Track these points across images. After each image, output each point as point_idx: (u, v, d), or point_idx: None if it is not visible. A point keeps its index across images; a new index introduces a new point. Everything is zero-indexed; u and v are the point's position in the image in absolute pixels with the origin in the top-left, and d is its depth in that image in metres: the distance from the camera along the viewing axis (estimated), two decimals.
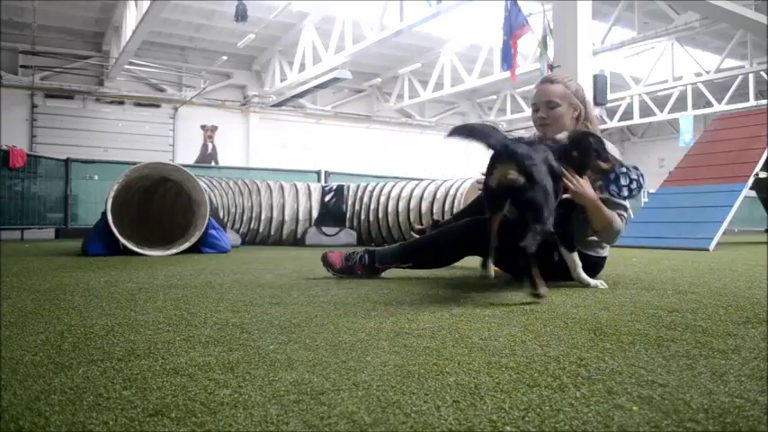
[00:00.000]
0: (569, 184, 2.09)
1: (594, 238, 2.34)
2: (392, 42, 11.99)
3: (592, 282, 2.24)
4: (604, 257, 2.49)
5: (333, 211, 6.63)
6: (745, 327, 1.43)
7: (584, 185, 2.14)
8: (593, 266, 2.40)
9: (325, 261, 2.60)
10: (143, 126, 14.59)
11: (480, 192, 2.40)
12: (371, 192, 6.63)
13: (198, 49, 14.63)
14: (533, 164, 1.80)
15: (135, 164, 4.61)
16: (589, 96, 9.43)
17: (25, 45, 12.84)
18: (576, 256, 2.21)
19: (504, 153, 1.84)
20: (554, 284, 2.32)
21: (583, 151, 2.13)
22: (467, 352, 1.16)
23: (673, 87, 15.29)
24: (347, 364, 1.07)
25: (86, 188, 8.65)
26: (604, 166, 2.17)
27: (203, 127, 15.61)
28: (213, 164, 14.78)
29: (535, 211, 1.78)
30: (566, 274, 2.30)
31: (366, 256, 2.53)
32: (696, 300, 1.90)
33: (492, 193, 1.91)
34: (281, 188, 6.60)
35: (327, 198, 6.69)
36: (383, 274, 2.61)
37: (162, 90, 14.91)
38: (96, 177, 8.74)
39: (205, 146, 15.59)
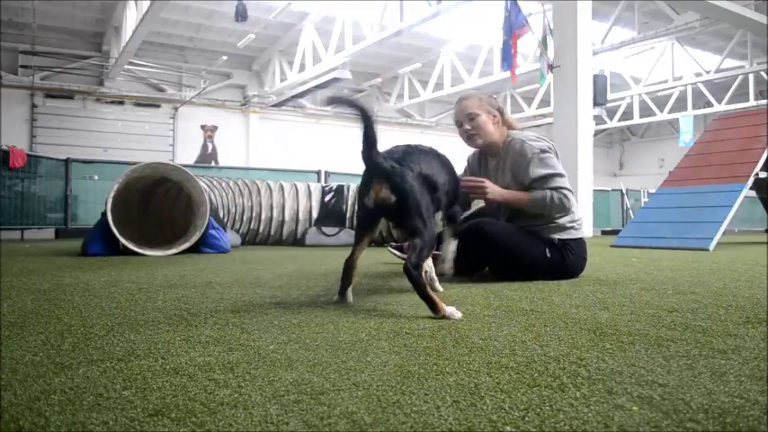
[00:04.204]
0: (484, 192, 2.41)
1: (558, 222, 2.54)
2: (392, 42, 11.98)
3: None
4: (574, 239, 2.58)
5: (333, 211, 6.63)
6: (745, 327, 1.43)
7: (493, 190, 2.45)
8: (565, 249, 2.54)
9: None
10: (143, 126, 14.58)
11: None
12: None
13: (198, 49, 14.62)
14: (406, 183, 1.78)
15: (135, 164, 4.60)
16: (588, 96, 9.36)
17: (25, 45, 12.83)
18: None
19: (378, 172, 1.80)
20: (554, 284, 2.32)
21: None
22: (467, 352, 1.16)
23: (673, 87, 15.29)
24: (347, 364, 1.07)
25: (86, 188, 8.65)
26: None
27: (203, 127, 15.60)
28: (213, 164, 14.78)
29: (414, 231, 1.78)
30: (561, 273, 2.54)
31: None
32: (696, 300, 1.90)
33: (366, 213, 1.88)
34: (281, 188, 6.60)
35: (327, 198, 6.69)
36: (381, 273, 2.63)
37: (162, 90, 14.90)
38: (96, 177, 8.74)
39: (205, 146, 15.59)
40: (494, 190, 2.46)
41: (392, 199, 1.78)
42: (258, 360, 1.10)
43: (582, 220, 2.66)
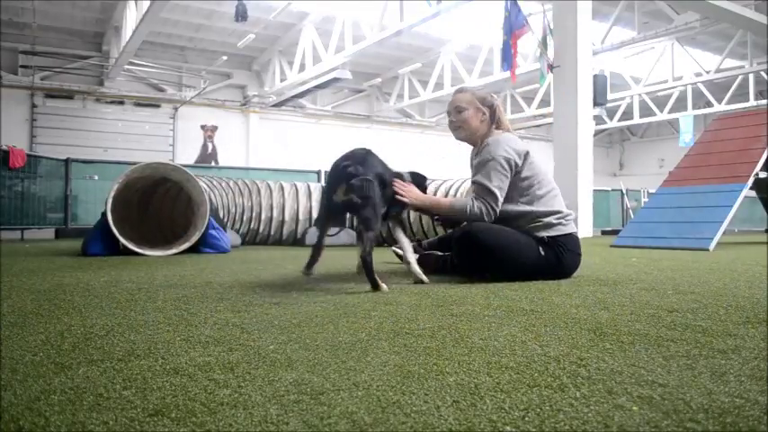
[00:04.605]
0: (403, 197, 2.59)
1: (544, 220, 2.59)
2: (392, 42, 11.99)
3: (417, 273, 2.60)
4: (564, 235, 2.59)
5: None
6: (745, 327, 1.43)
7: (414, 196, 2.64)
8: (558, 246, 2.56)
9: (421, 262, 2.85)
10: (143, 126, 14.59)
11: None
12: None
13: (198, 49, 14.62)
14: (369, 186, 2.28)
15: (135, 164, 4.60)
16: (588, 96, 9.32)
17: (25, 45, 12.83)
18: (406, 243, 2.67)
19: (345, 175, 2.27)
20: (554, 284, 2.32)
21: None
22: (467, 352, 1.16)
23: (673, 87, 15.29)
24: (347, 364, 1.07)
25: (86, 188, 8.65)
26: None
27: (203, 127, 15.60)
28: (213, 164, 14.78)
29: (367, 224, 2.27)
30: (557, 272, 2.56)
31: (449, 258, 2.84)
32: (696, 300, 1.90)
33: (333, 206, 2.40)
34: (281, 188, 6.60)
35: None
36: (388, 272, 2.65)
37: (162, 90, 14.90)
38: (96, 177, 8.74)
39: (205, 146, 15.59)
40: (414, 196, 2.63)
41: (358, 201, 2.26)
42: (258, 360, 1.10)
43: (571, 216, 2.66)
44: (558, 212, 2.59)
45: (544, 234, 2.54)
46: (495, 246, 2.48)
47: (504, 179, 2.55)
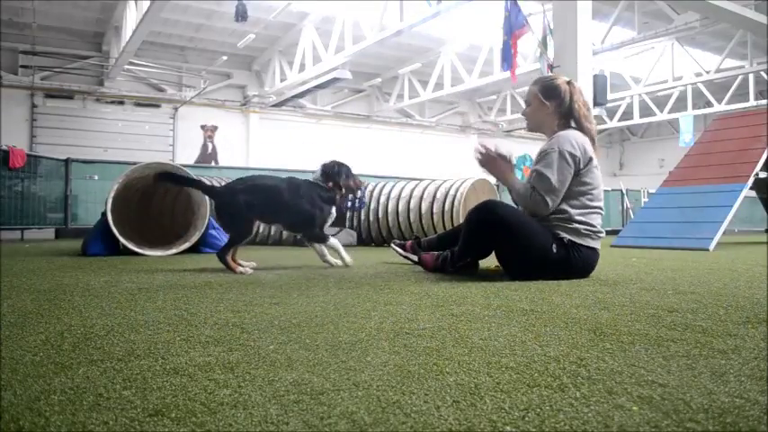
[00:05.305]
0: (481, 157, 2.70)
1: (575, 225, 2.56)
2: (392, 42, 11.97)
3: (332, 261, 3.27)
4: (586, 246, 2.57)
5: None
6: (745, 327, 1.43)
7: (491, 161, 2.68)
8: (573, 248, 2.54)
9: (421, 262, 3.02)
10: (143, 126, 14.58)
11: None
12: (372, 192, 6.63)
13: (198, 49, 14.61)
14: (220, 201, 3.15)
15: (135, 164, 4.61)
16: (588, 96, 9.36)
17: (25, 45, 12.82)
18: (322, 246, 3.25)
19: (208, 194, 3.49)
20: (554, 284, 2.32)
21: (335, 176, 3.31)
22: (467, 352, 1.16)
23: (673, 87, 15.28)
24: (347, 364, 1.07)
25: (86, 188, 8.65)
26: (353, 185, 3.41)
27: (203, 127, 15.59)
28: (213, 164, 14.78)
29: (228, 230, 3.16)
30: (562, 271, 2.53)
31: (449, 255, 2.85)
32: (696, 300, 1.90)
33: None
34: None
35: None
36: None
37: (162, 90, 14.89)
38: (96, 177, 8.74)
39: (205, 146, 15.58)
40: (493, 165, 2.68)
41: (215, 212, 3.22)
42: (258, 360, 1.10)
43: (602, 234, 2.62)
44: (593, 227, 2.58)
45: (565, 235, 2.52)
46: (512, 223, 2.47)
47: (567, 174, 2.51)
